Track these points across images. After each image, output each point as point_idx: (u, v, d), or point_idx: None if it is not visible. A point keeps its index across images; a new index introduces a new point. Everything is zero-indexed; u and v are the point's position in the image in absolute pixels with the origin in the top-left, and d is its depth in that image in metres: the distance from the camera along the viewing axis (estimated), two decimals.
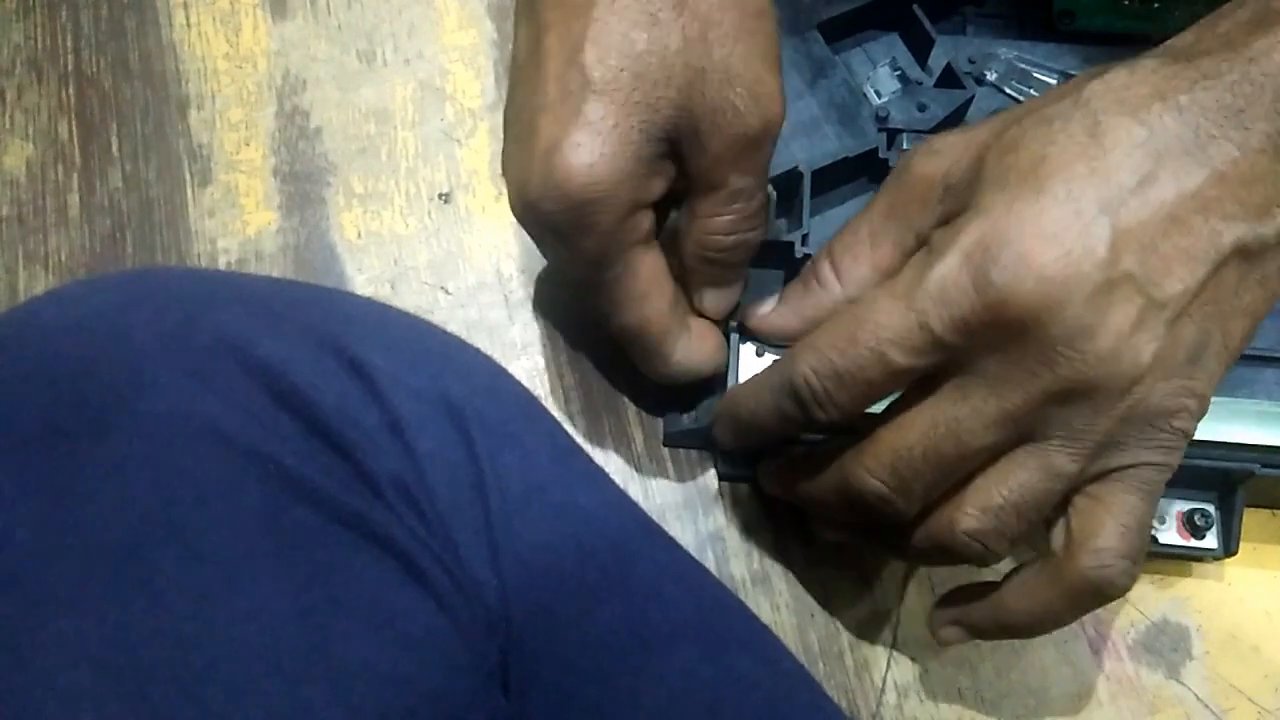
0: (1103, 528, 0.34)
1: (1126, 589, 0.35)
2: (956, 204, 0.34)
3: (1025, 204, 0.31)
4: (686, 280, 0.42)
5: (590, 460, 0.42)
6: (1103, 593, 0.35)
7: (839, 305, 0.38)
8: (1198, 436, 0.35)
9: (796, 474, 0.40)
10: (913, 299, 0.32)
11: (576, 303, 0.50)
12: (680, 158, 0.37)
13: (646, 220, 0.38)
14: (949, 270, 0.32)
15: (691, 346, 0.41)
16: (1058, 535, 0.36)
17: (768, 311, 0.42)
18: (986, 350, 0.32)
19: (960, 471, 0.34)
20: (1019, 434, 0.33)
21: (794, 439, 0.43)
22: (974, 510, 0.34)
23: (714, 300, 0.42)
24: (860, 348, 0.33)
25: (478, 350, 0.40)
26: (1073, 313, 0.30)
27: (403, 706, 0.31)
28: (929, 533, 0.36)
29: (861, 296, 0.36)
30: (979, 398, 0.32)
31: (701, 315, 0.43)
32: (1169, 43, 0.34)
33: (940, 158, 0.35)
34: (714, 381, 0.45)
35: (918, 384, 0.34)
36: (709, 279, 0.41)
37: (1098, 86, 0.32)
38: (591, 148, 0.34)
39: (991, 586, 0.39)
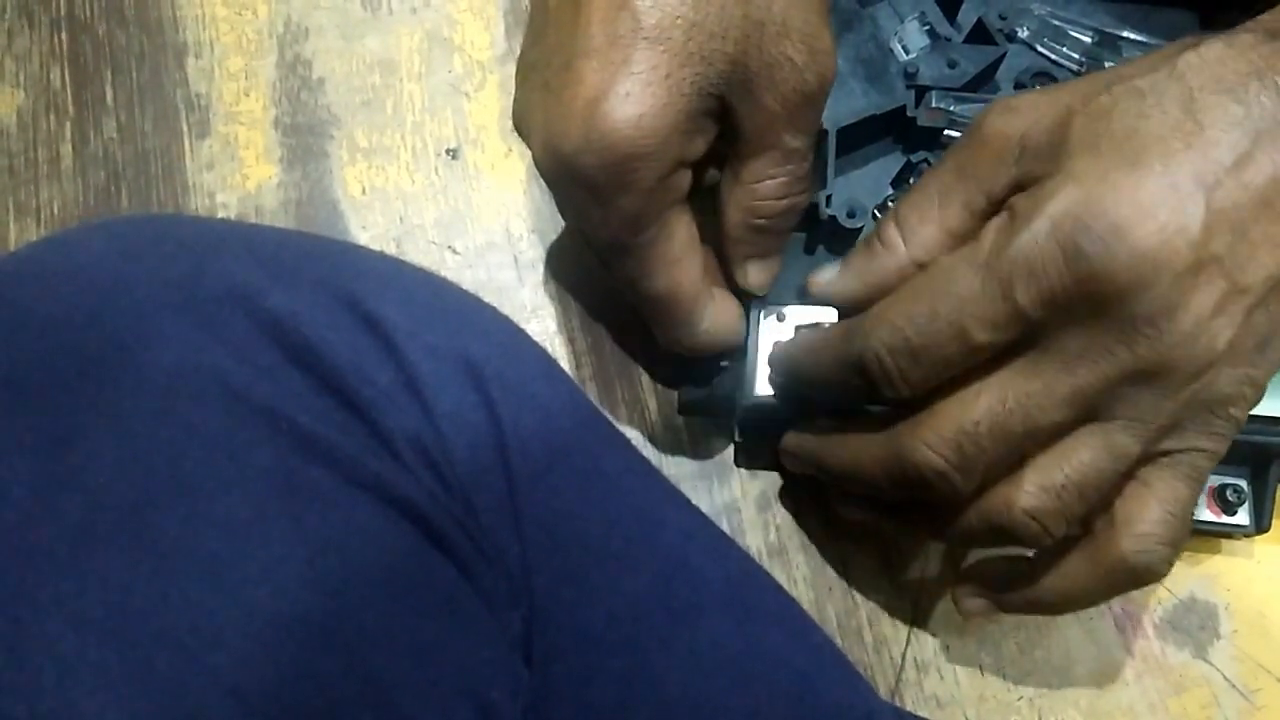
0: (1148, 511, 0.34)
1: (1163, 576, 0.35)
2: (1036, 167, 0.33)
3: (1121, 174, 0.30)
4: (727, 254, 0.40)
5: (611, 424, 0.40)
6: (1140, 577, 0.35)
7: (905, 269, 0.36)
8: None
9: (832, 448, 0.39)
10: (996, 268, 0.31)
11: (590, 265, 0.49)
12: (728, 116, 0.35)
13: (686, 180, 0.36)
14: (1037, 238, 0.30)
15: (718, 316, 0.40)
16: (1100, 516, 0.35)
17: (831, 278, 0.39)
18: (1065, 325, 0.31)
19: (1024, 450, 0.33)
20: (1086, 413, 0.32)
21: (837, 409, 0.41)
22: (1034, 489, 0.33)
23: (758, 273, 0.41)
24: (939, 322, 0.32)
25: (495, 309, 0.38)
26: (1159, 291, 0.30)
27: (422, 677, 0.29)
28: (983, 512, 0.35)
29: (932, 260, 0.35)
30: (1051, 374, 0.32)
31: (743, 291, 0.41)
32: (1263, 17, 0.33)
33: (1018, 116, 0.34)
34: (732, 351, 0.43)
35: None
36: (755, 249, 0.40)
37: (1193, 59, 0.31)
38: (641, 99, 0.32)
39: (1020, 562, 0.39)
